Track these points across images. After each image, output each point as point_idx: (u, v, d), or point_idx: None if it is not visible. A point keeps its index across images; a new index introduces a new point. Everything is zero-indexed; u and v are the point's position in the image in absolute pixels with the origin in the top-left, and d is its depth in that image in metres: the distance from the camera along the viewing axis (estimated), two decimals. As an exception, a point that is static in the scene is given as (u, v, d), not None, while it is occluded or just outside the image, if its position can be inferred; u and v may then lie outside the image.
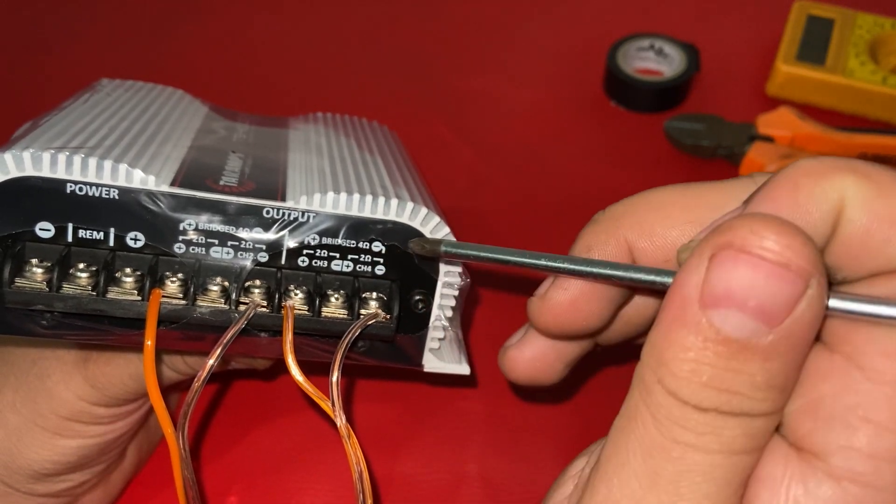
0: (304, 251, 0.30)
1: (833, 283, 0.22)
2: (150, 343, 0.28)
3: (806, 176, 0.21)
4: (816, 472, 0.20)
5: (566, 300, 0.27)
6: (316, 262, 0.30)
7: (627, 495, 0.21)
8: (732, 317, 0.19)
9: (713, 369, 0.19)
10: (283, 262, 0.30)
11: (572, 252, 0.27)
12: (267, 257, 0.29)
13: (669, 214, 0.25)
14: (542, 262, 0.25)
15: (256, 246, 0.29)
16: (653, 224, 0.25)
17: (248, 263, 0.29)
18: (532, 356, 0.30)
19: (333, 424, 0.29)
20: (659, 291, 0.23)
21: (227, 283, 0.29)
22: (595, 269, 0.24)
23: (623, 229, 0.26)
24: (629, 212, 0.26)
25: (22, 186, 0.27)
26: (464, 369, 0.33)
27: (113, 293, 0.28)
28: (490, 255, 0.27)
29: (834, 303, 0.20)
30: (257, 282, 0.30)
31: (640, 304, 0.30)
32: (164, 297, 0.29)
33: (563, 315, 0.27)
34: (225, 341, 0.28)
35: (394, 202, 0.30)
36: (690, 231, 0.25)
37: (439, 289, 0.31)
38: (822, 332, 0.21)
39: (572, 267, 0.24)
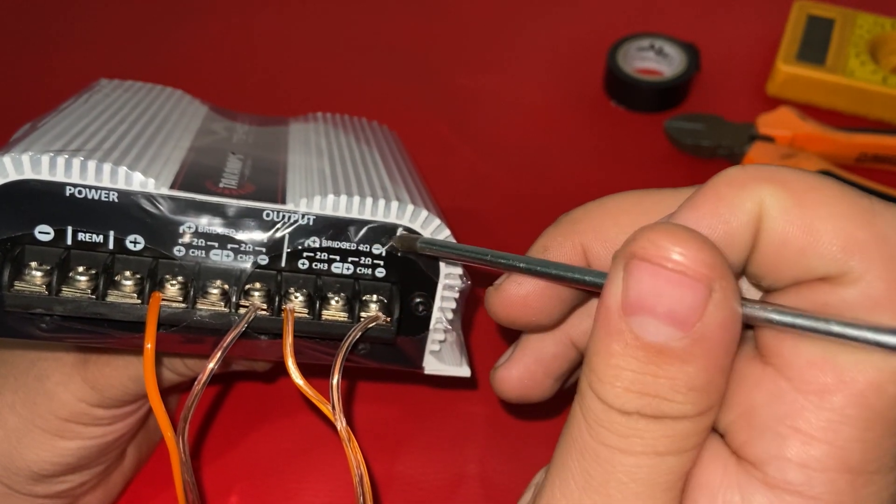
0: (305, 254, 0.30)
1: (762, 291, 0.23)
2: (149, 346, 0.28)
3: (727, 185, 0.21)
4: (752, 480, 0.21)
5: (519, 295, 0.28)
6: (316, 265, 0.30)
7: (567, 496, 0.22)
8: (648, 323, 0.20)
9: (634, 374, 0.20)
10: (283, 264, 0.30)
11: (530, 250, 0.28)
12: (267, 260, 0.29)
13: (622, 220, 0.26)
14: (500, 260, 0.26)
15: (256, 248, 0.29)
16: (607, 229, 0.26)
17: (248, 266, 0.29)
18: (520, 375, 0.31)
19: (334, 427, 0.29)
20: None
21: (227, 286, 0.29)
22: (544, 269, 0.25)
23: (579, 234, 0.27)
24: (586, 217, 0.27)
25: (21, 189, 0.27)
26: (464, 371, 0.33)
27: (112, 296, 0.28)
28: (459, 251, 0.28)
29: (756, 311, 0.20)
30: (257, 284, 0.30)
31: None
32: (163, 300, 0.29)
33: (515, 308, 0.28)
34: (225, 345, 0.28)
35: (394, 205, 0.30)
36: None
37: (440, 291, 0.31)
38: (758, 342, 0.22)
39: (525, 265, 0.26)
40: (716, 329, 0.20)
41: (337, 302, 0.30)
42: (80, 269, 0.28)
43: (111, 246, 0.28)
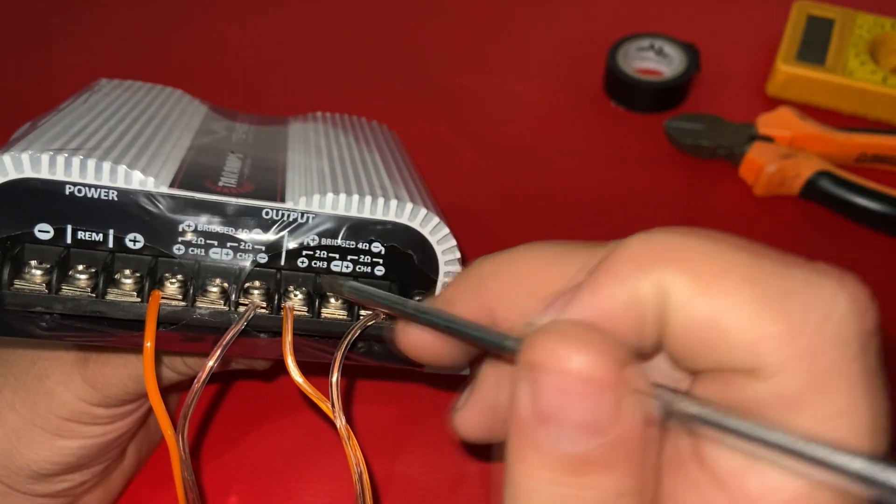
0: (304, 252, 0.30)
1: (685, 372, 0.22)
2: (149, 345, 0.28)
3: (628, 265, 0.20)
4: None
5: (421, 340, 0.27)
6: (315, 263, 0.30)
7: None
8: (563, 433, 0.19)
9: (556, 487, 0.19)
10: (282, 263, 0.30)
11: (437, 299, 0.27)
12: (266, 258, 0.29)
13: (528, 287, 0.24)
14: (409, 311, 0.26)
15: (256, 247, 0.29)
16: (513, 296, 0.24)
17: (248, 264, 0.29)
18: (476, 421, 0.29)
19: (333, 425, 0.29)
20: (505, 356, 0.23)
21: (226, 285, 0.29)
22: (446, 324, 0.25)
23: (485, 294, 0.25)
24: (494, 278, 0.25)
25: (21, 188, 0.27)
26: (464, 370, 0.33)
27: (112, 295, 0.28)
28: (379, 298, 0.27)
29: (676, 406, 0.19)
30: (257, 283, 0.30)
31: None
32: (163, 298, 0.29)
33: (418, 350, 0.27)
34: (224, 343, 0.28)
35: (393, 203, 0.30)
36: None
37: (439, 289, 0.31)
38: (694, 442, 0.20)
39: (430, 318, 0.25)
40: (634, 431, 0.19)
41: (336, 300, 0.30)
42: (80, 267, 0.28)
43: (111, 244, 0.28)
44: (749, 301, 0.19)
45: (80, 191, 0.27)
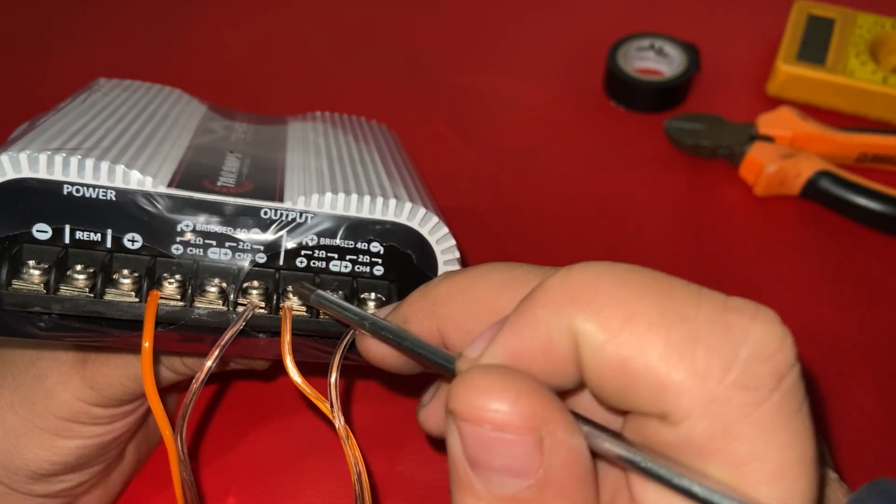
0: (303, 252, 0.30)
1: (609, 408, 0.22)
2: (147, 345, 0.28)
3: (543, 307, 0.20)
4: None
5: (375, 351, 0.28)
6: (314, 263, 0.30)
7: None
8: (492, 477, 0.19)
9: None
10: (281, 262, 0.30)
11: (393, 313, 0.28)
12: (265, 258, 0.29)
13: (480, 315, 0.25)
14: (367, 325, 0.27)
15: (254, 247, 0.29)
16: (464, 322, 0.25)
17: (246, 264, 0.29)
18: (438, 419, 0.30)
19: (332, 426, 0.28)
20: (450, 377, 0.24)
21: (224, 285, 0.29)
22: (399, 341, 0.25)
23: (438, 318, 0.26)
24: (447, 300, 0.26)
25: (19, 188, 0.27)
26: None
27: (111, 295, 0.28)
28: (342, 310, 0.28)
29: (600, 444, 0.20)
30: (255, 283, 0.30)
31: None
32: (161, 298, 0.28)
33: (374, 358, 0.28)
34: (223, 343, 0.28)
35: (392, 202, 0.30)
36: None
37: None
38: (626, 476, 0.21)
39: (385, 334, 0.26)
40: (560, 469, 0.19)
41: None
42: (78, 267, 0.28)
43: (109, 244, 0.28)
44: (653, 348, 0.19)
45: (78, 190, 0.27)
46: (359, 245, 0.30)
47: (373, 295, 0.31)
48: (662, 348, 0.19)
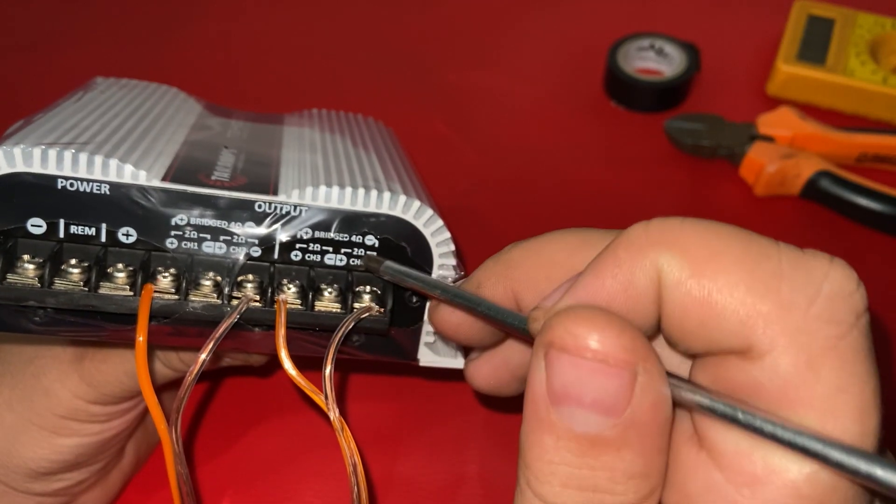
0: (297, 245, 0.30)
1: (681, 356, 0.22)
2: (141, 339, 0.28)
3: (625, 250, 0.21)
4: None
5: (451, 321, 0.28)
6: (309, 256, 0.30)
7: None
8: (577, 413, 0.19)
9: (570, 468, 0.19)
10: (275, 256, 0.30)
11: (467, 281, 0.29)
12: (259, 251, 0.29)
13: (554, 273, 0.25)
14: (438, 292, 0.28)
15: (249, 240, 0.29)
16: (539, 281, 0.26)
17: (241, 258, 0.29)
18: (488, 374, 0.31)
19: (328, 421, 0.28)
20: (524, 339, 0.25)
21: (219, 278, 0.29)
22: (474, 306, 0.26)
23: (512, 280, 0.26)
24: (521, 263, 0.26)
25: (13, 183, 0.27)
26: (459, 363, 0.33)
27: (105, 289, 0.28)
28: (415, 280, 0.29)
29: (681, 393, 0.20)
30: (250, 276, 0.30)
31: None
32: (156, 292, 0.28)
33: (447, 329, 0.29)
34: (217, 336, 0.28)
35: (386, 195, 0.30)
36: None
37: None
38: (693, 421, 0.21)
39: (458, 300, 0.27)
40: (647, 412, 0.19)
41: (330, 293, 0.30)
42: (73, 261, 0.28)
43: (103, 238, 0.28)
44: (740, 282, 0.19)
45: (72, 185, 0.27)
46: (353, 238, 0.30)
47: (368, 288, 0.31)
48: (749, 281, 0.19)
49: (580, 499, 0.19)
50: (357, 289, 0.30)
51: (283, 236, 0.29)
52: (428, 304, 0.31)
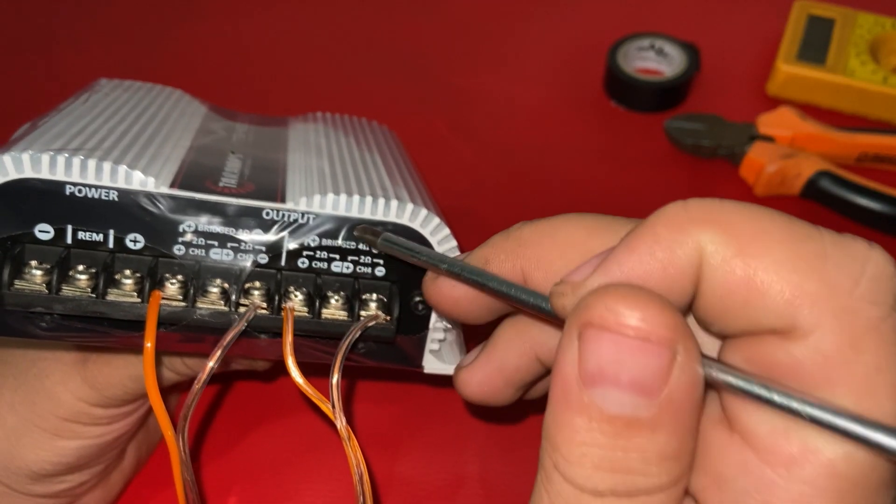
0: (304, 252, 0.30)
1: (713, 336, 0.22)
2: (149, 345, 0.28)
3: (665, 226, 0.20)
4: None
5: (451, 295, 0.28)
6: (316, 264, 0.30)
7: None
8: (611, 394, 0.19)
9: (602, 450, 0.19)
10: (282, 263, 0.30)
11: (472, 255, 0.28)
12: (267, 259, 0.29)
13: (569, 254, 0.25)
14: (444, 266, 0.27)
15: (256, 247, 0.29)
16: (552, 261, 0.25)
17: (248, 265, 0.29)
18: (480, 381, 0.30)
19: (334, 426, 0.29)
20: (538, 314, 0.24)
21: (226, 285, 0.29)
22: (483, 281, 0.25)
23: (522, 259, 0.26)
24: (534, 242, 0.26)
25: (21, 188, 0.27)
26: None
27: (112, 295, 0.28)
28: (416, 254, 0.28)
29: (715, 374, 0.19)
30: (257, 283, 0.30)
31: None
32: (163, 298, 0.28)
33: (445, 304, 0.28)
34: (225, 343, 0.28)
35: (394, 203, 0.30)
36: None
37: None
38: (722, 403, 0.21)
39: (466, 275, 0.26)
40: (683, 392, 0.19)
41: (337, 301, 0.30)
42: (80, 267, 0.28)
43: (111, 245, 0.28)
44: (785, 261, 0.19)
45: (80, 191, 0.27)
46: (360, 246, 0.30)
47: (374, 296, 0.31)
48: (794, 260, 0.19)
49: (612, 481, 0.19)
50: (364, 296, 0.30)
51: (290, 244, 0.29)
52: (426, 277, 0.30)
